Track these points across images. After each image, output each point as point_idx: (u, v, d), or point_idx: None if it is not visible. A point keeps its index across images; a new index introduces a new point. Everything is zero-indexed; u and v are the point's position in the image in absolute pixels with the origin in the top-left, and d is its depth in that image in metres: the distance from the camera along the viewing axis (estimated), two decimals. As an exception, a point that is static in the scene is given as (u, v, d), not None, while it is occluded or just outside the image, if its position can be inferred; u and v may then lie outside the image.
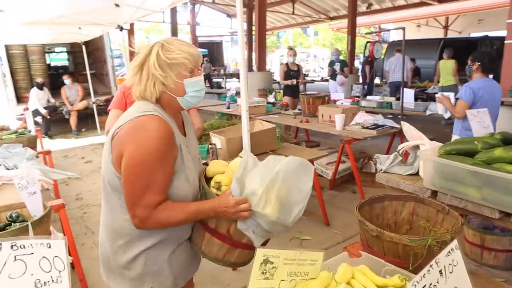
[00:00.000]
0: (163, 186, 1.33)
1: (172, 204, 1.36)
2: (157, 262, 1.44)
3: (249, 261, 1.53)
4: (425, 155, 1.97)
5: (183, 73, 1.39)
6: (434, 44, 12.17)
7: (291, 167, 1.45)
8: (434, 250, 1.46)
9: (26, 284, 0.98)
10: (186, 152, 1.45)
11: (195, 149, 1.59)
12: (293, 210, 1.44)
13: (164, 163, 1.32)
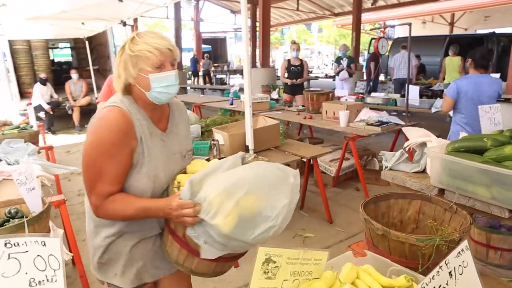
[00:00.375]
0: (115, 176, 1.33)
1: (124, 197, 1.35)
2: (119, 252, 1.46)
3: (216, 274, 1.44)
4: (432, 152, 1.92)
5: (147, 67, 1.33)
6: (440, 41, 12.05)
7: (264, 176, 1.28)
8: (442, 250, 1.42)
9: (20, 283, 0.94)
10: (156, 146, 1.42)
11: (180, 146, 1.54)
12: (257, 227, 1.24)
13: (116, 154, 1.31)
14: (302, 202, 4.15)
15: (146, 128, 1.40)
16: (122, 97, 1.41)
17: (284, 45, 34.93)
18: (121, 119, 1.33)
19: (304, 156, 3.44)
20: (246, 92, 3.18)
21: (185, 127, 1.59)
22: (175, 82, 1.37)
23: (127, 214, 1.34)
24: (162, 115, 1.50)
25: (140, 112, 1.41)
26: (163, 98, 1.39)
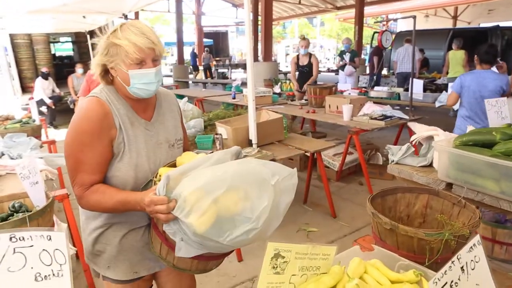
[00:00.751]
0: (94, 165, 1.33)
1: (105, 188, 1.34)
2: (109, 243, 1.46)
3: (200, 271, 1.39)
4: (440, 146, 1.89)
5: (127, 62, 1.30)
6: (443, 34, 11.95)
7: (249, 174, 1.20)
8: (451, 245, 1.40)
9: (26, 277, 0.93)
10: (139, 135, 1.41)
11: (167, 135, 1.51)
12: (236, 229, 1.16)
13: (93, 143, 1.31)
14: (305, 196, 4.14)
15: (126, 117, 1.39)
16: (103, 87, 1.41)
17: (286, 39, 34.79)
18: (98, 108, 1.33)
19: (307, 150, 3.42)
20: (250, 85, 3.16)
21: (173, 116, 1.57)
22: (154, 80, 1.34)
23: (108, 206, 1.33)
24: (147, 105, 1.49)
25: (121, 102, 1.40)
26: (143, 94, 1.37)
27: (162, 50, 1.36)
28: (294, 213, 3.87)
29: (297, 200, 4.20)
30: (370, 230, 3.53)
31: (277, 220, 1.29)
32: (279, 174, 1.27)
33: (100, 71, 1.38)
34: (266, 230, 1.26)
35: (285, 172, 1.30)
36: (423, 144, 2.27)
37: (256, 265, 2.95)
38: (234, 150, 1.40)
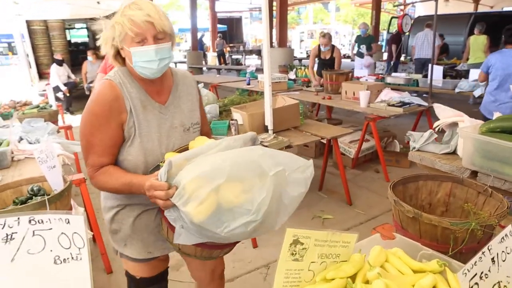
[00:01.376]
0: (103, 148, 1.34)
1: (112, 170, 1.35)
2: (124, 223, 1.48)
3: (205, 258, 1.38)
4: (465, 133, 1.82)
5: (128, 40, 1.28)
6: (464, 19, 11.55)
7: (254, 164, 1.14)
8: (477, 235, 1.35)
9: (45, 260, 0.93)
10: (151, 119, 1.39)
11: (182, 119, 1.48)
12: (235, 220, 1.12)
13: (103, 125, 1.32)
14: (321, 183, 4.10)
15: (138, 101, 1.37)
16: (118, 69, 1.40)
17: (301, 25, 34.28)
18: (109, 92, 1.33)
19: (324, 137, 3.36)
20: (266, 71, 3.10)
21: (190, 100, 1.53)
22: (155, 58, 1.29)
23: (115, 188, 1.34)
24: (162, 88, 1.46)
25: (134, 85, 1.38)
26: (147, 73, 1.33)
27: (165, 26, 1.29)
28: (309, 200, 3.84)
29: (312, 187, 4.14)
30: (386, 218, 3.50)
31: (284, 212, 1.25)
32: (287, 166, 1.22)
33: (113, 52, 1.37)
34: (270, 223, 1.22)
35: (296, 164, 1.25)
36: (446, 131, 2.20)
37: (271, 252, 2.95)
38: (249, 136, 1.35)
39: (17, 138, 3.09)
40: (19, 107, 4.76)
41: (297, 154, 4.86)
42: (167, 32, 1.31)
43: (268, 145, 2.89)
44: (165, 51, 1.32)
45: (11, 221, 0.90)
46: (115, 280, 2.68)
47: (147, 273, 1.55)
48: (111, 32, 1.31)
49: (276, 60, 9.27)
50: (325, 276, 1.16)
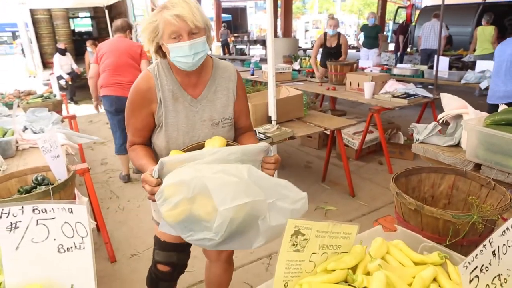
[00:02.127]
0: (135, 130, 1.53)
1: (139, 150, 1.51)
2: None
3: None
4: (469, 125, 1.81)
5: (165, 37, 1.37)
6: (472, 9, 11.37)
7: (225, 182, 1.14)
8: (478, 228, 1.35)
9: (49, 249, 0.94)
10: (180, 111, 1.49)
11: (213, 113, 1.54)
12: (198, 233, 1.18)
13: (135, 111, 1.50)
14: (324, 174, 4.10)
15: (170, 93, 1.48)
16: (159, 61, 1.52)
17: (306, 15, 33.93)
18: (143, 83, 1.48)
19: (328, 128, 3.35)
20: (270, 62, 3.09)
21: (226, 95, 1.57)
22: (189, 53, 1.37)
23: (136, 165, 1.49)
24: (198, 81, 1.52)
25: (169, 77, 1.49)
26: (184, 67, 1.43)
27: (198, 21, 1.35)
28: (312, 192, 3.84)
29: (315, 178, 4.17)
30: (389, 210, 3.50)
31: (261, 237, 1.26)
32: (273, 194, 1.22)
33: (154, 48, 1.45)
34: (242, 243, 1.26)
35: (286, 194, 1.26)
36: (450, 123, 2.18)
37: (273, 242, 2.95)
38: (261, 147, 1.32)
39: (22, 127, 3.11)
40: (23, 97, 4.78)
41: (300, 145, 4.89)
42: (201, 27, 1.38)
43: (272, 136, 2.89)
44: (200, 45, 1.39)
45: (15, 210, 0.91)
46: (119, 269, 2.72)
47: (168, 238, 1.64)
48: (151, 30, 1.40)
49: (280, 50, 9.21)
50: (326, 267, 1.16)
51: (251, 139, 1.64)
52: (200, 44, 1.39)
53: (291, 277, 1.12)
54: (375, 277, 1.11)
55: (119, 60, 3.98)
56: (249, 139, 1.63)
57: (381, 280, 1.09)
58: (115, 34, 4.21)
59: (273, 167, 1.36)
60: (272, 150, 1.36)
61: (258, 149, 1.32)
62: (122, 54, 4.00)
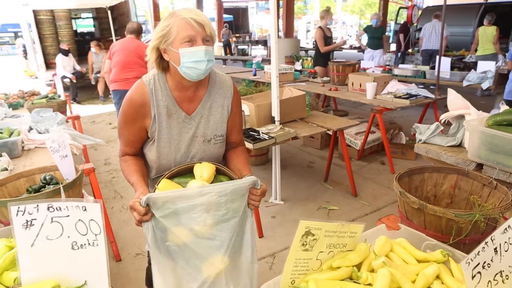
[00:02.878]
0: (127, 141, 1.51)
1: (131, 162, 1.51)
2: None
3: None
4: (471, 126, 1.83)
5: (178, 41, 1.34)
6: (473, 9, 11.37)
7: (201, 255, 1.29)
8: (480, 226, 1.38)
9: (63, 246, 0.97)
10: (174, 127, 1.47)
11: (205, 130, 1.52)
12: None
13: (128, 123, 1.48)
14: (326, 175, 4.13)
15: (164, 109, 1.45)
16: (155, 74, 1.47)
17: (307, 15, 33.94)
18: (138, 98, 1.44)
19: (330, 128, 3.37)
20: (273, 62, 3.11)
21: (220, 111, 1.54)
22: (204, 58, 1.35)
23: (126, 179, 1.49)
24: (194, 97, 1.50)
25: (165, 92, 1.46)
26: (193, 74, 1.38)
27: (213, 31, 1.37)
28: (314, 191, 3.87)
29: (318, 178, 4.19)
30: (391, 210, 3.52)
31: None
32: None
33: (155, 56, 1.42)
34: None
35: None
36: (453, 123, 2.20)
37: (277, 242, 2.99)
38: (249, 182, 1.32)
39: (27, 127, 3.14)
40: (27, 97, 4.81)
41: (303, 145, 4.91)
42: (212, 37, 1.39)
43: (275, 136, 2.91)
44: (211, 54, 1.38)
45: (31, 208, 0.93)
46: (124, 268, 2.74)
47: None
48: (161, 35, 1.37)
49: (282, 50, 9.23)
50: (331, 265, 1.19)
51: (240, 156, 1.61)
52: (212, 52, 1.38)
53: (298, 274, 1.15)
54: (379, 274, 1.13)
55: (128, 58, 4.55)
56: (238, 157, 1.60)
57: (386, 277, 1.12)
58: (128, 35, 4.74)
59: (259, 198, 1.36)
60: (259, 182, 1.36)
61: (247, 185, 1.32)
62: (131, 53, 4.56)
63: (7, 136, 2.76)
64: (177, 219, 1.24)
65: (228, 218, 1.29)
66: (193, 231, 1.26)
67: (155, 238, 1.25)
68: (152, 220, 1.25)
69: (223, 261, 1.29)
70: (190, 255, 1.27)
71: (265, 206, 3.54)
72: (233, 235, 1.31)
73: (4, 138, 2.68)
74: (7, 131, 2.85)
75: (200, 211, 1.24)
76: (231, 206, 1.28)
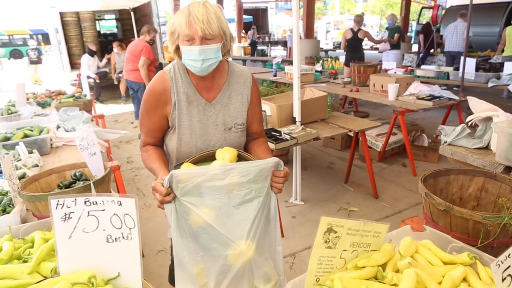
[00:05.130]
0: (149, 130, 1.54)
1: (152, 151, 1.53)
2: None
3: None
4: (500, 128, 1.80)
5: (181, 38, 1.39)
6: (500, 8, 11.07)
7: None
8: (509, 229, 1.36)
9: (98, 238, 1.01)
10: (194, 114, 1.49)
11: (226, 118, 1.53)
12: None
13: (149, 111, 1.51)
14: (347, 176, 4.10)
15: (184, 96, 1.49)
16: (176, 62, 1.51)
17: (327, 16, 33.72)
18: (158, 85, 1.49)
19: (352, 129, 3.36)
20: (295, 63, 3.12)
21: (240, 100, 1.56)
22: (198, 58, 1.37)
23: (147, 167, 1.52)
24: (212, 85, 1.52)
25: (185, 80, 1.49)
26: (193, 71, 1.43)
27: (212, 29, 1.35)
28: (335, 192, 3.86)
29: (338, 179, 4.17)
30: (413, 213, 3.48)
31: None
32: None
33: (173, 48, 1.46)
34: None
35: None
36: (479, 125, 2.17)
37: (298, 242, 3.00)
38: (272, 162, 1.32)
39: (55, 126, 3.24)
40: (54, 96, 4.97)
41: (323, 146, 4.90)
42: (215, 34, 1.37)
43: (297, 136, 2.92)
44: (211, 52, 1.38)
45: (69, 202, 0.98)
46: (147, 264, 2.81)
47: None
48: (171, 32, 1.42)
49: (302, 51, 9.20)
50: (356, 264, 1.20)
51: (262, 146, 1.63)
52: (211, 51, 1.38)
53: (322, 272, 1.16)
54: (405, 274, 1.13)
55: (128, 55, 6.36)
56: (260, 146, 1.62)
57: (411, 277, 1.12)
58: (141, 36, 6.37)
59: (282, 180, 1.36)
60: (282, 164, 1.36)
61: (269, 167, 1.32)
62: (129, 51, 6.35)
63: (37, 133, 2.87)
64: (199, 199, 1.23)
65: (252, 198, 1.28)
66: (216, 212, 1.24)
67: (178, 220, 1.25)
68: (174, 201, 1.24)
69: (249, 246, 1.27)
70: (214, 237, 1.25)
71: (286, 206, 3.55)
72: (257, 216, 1.29)
73: (35, 136, 2.78)
74: (37, 129, 2.95)
75: (222, 191, 1.24)
76: (253, 186, 1.28)
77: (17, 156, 2.44)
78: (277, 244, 1.39)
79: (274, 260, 1.38)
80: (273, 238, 1.37)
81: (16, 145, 2.55)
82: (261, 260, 1.33)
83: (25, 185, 1.81)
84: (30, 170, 2.21)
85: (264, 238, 1.34)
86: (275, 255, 1.38)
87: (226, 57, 1.51)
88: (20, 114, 3.64)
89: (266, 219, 1.33)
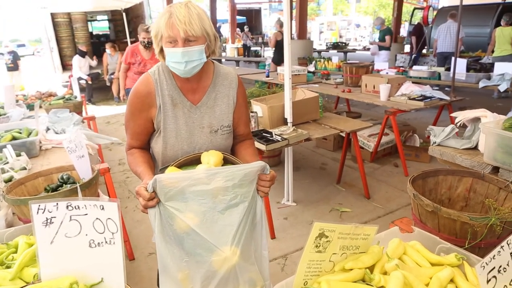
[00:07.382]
0: (134, 133, 1.52)
1: (137, 155, 1.51)
2: None
3: None
4: (487, 128, 1.81)
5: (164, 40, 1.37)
6: (491, 9, 11.17)
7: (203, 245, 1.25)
8: (496, 230, 1.36)
9: (81, 243, 0.99)
10: (179, 117, 1.47)
11: (211, 120, 1.52)
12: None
13: (135, 114, 1.49)
14: (339, 176, 4.11)
15: (169, 98, 1.47)
16: (161, 65, 1.50)
17: (320, 17, 33.83)
18: (143, 87, 1.46)
19: (343, 130, 3.36)
20: (286, 63, 3.12)
21: (226, 102, 1.54)
22: (181, 60, 1.35)
23: (133, 171, 1.50)
24: (198, 87, 1.50)
25: (170, 82, 1.48)
26: (177, 73, 1.42)
27: (194, 31, 1.33)
28: (327, 193, 3.86)
29: (330, 180, 4.18)
30: (404, 213, 3.49)
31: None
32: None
33: (158, 49, 1.45)
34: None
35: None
36: (468, 125, 2.18)
37: (289, 243, 2.99)
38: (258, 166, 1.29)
39: (44, 128, 3.21)
40: (44, 98, 4.92)
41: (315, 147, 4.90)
42: (197, 35, 1.35)
43: (288, 137, 2.92)
44: (194, 54, 1.36)
45: (51, 206, 0.96)
46: (137, 267, 2.78)
47: None
48: (155, 33, 1.40)
49: (295, 52, 9.22)
50: (343, 266, 1.19)
51: (248, 148, 1.61)
52: (194, 52, 1.36)
53: (311, 275, 1.16)
54: (392, 277, 1.13)
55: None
56: (247, 149, 1.60)
57: (399, 279, 1.11)
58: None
59: (268, 184, 1.33)
60: (268, 168, 1.33)
61: (254, 171, 1.30)
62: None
63: (25, 136, 2.83)
64: (184, 204, 1.22)
65: (237, 202, 1.27)
66: (201, 217, 1.23)
67: (162, 225, 1.23)
68: (158, 206, 1.22)
69: (233, 252, 1.26)
70: (199, 243, 1.24)
71: (277, 207, 3.54)
72: (242, 221, 1.27)
73: (23, 138, 2.75)
74: (26, 131, 2.92)
75: (207, 196, 1.22)
76: (239, 190, 1.26)
77: (5, 159, 2.41)
78: (263, 249, 1.37)
79: (259, 265, 1.37)
80: (259, 242, 1.36)
81: (3, 147, 2.51)
82: (246, 266, 1.32)
83: (11, 189, 1.78)
84: (17, 173, 2.18)
85: (249, 243, 1.32)
86: (261, 260, 1.37)
87: (210, 58, 1.49)
88: (9, 116, 3.60)
89: (251, 224, 1.32)
